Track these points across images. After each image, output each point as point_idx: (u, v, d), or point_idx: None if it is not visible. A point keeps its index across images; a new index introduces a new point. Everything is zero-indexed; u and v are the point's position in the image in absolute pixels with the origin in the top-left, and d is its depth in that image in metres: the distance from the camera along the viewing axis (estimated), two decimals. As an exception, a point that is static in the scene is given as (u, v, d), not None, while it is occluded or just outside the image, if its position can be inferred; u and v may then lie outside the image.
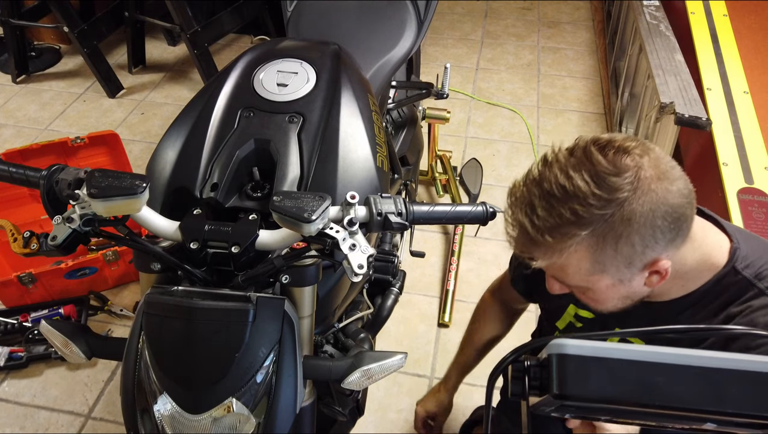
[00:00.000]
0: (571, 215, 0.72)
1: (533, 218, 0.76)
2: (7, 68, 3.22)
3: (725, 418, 0.53)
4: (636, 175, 0.72)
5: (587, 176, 0.72)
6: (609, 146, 0.74)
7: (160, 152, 1.01)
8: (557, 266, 0.78)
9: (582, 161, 0.74)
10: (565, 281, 0.81)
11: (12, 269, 2.03)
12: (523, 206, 0.77)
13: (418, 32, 1.56)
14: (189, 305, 0.82)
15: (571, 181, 0.73)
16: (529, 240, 0.77)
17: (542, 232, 0.75)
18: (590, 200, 0.72)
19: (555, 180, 0.74)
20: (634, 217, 0.72)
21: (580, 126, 2.86)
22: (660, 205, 0.72)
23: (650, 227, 0.73)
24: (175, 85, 3.19)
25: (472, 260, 2.22)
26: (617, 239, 0.73)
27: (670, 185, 0.73)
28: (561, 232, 0.74)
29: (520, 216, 0.77)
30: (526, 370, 0.59)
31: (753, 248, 0.87)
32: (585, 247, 0.74)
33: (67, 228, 0.79)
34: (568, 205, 0.73)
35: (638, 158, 0.73)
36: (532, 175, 0.79)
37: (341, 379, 0.88)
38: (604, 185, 0.71)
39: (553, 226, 0.74)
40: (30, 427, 1.75)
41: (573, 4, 3.85)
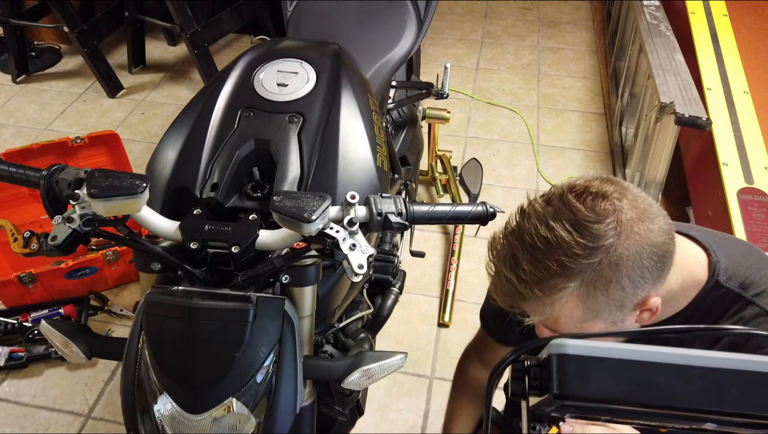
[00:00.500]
0: (558, 267, 0.71)
1: (519, 273, 0.74)
2: (7, 68, 3.22)
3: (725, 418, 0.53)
4: (617, 219, 0.71)
5: (568, 225, 0.71)
6: (586, 192, 0.73)
7: (160, 152, 1.01)
8: (549, 318, 0.77)
9: (560, 210, 0.73)
10: (558, 330, 0.79)
11: (12, 269, 2.02)
12: (507, 260, 0.76)
13: (418, 32, 1.56)
14: (189, 305, 0.82)
15: (553, 232, 0.71)
16: (518, 295, 0.75)
17: (531, 286, 0.73)
18: (576, 250, 0.70)
19: (536, 232, 0.73)
20: (622, 261, 0.71)
21: (580, 126, 2.86)
22: (645, 246, 0.72)
23: (638, 269, 0.72)
24: (175, 85, 3.20)
25: (472, 260, 2.22)
26: (607, 285, 0.72)
27: (651, 224, 0.73)
28: (550, 285, 0.72)
29: (506, 271, 0.75)
30: (526, 370, 0.59)
31: (731, 256, 0.86)
32: (576, 297, 0.73)
33: (67, 228, 0.79)
34: (553, 257, 0.71)
35: (617, 202, 0.72)
36: (511, 227, 0.77)
37: (341, 379, 0.88)
38: (588, 233, 0.71)
39: (542, 279, 0.72)
40: (30, 427, 1.75)
41: (573, 4, 3.85)
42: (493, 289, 0.80)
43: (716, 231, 0.95)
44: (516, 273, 0.74)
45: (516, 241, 0.75)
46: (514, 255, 0.75)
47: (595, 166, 2.63)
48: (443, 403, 1.78)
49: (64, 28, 2.85)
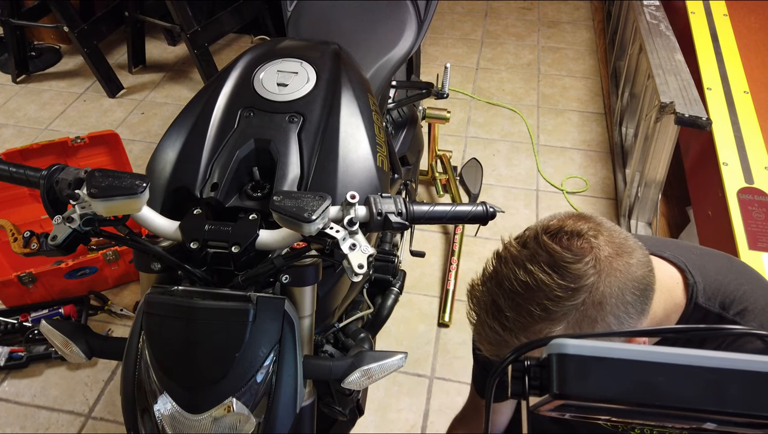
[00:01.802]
0: (542, 311, 0.69)
1: (503, 321, 0.72)
2: (7, 68, 3.22)
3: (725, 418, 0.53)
4: (595, 257, 0.70)
5: (547, 267, 0.70)
6: (561, 232, 0.72)
7: (160, 152, 1.02)
8: None
9: (537, 253, 0.71)
10: None
11: (12, 268, 2.03)
12: (489, 308, 0.73)
13: (418, 32, 1.56)
14: (189, 305, 0.82)
15: (532, 275, 0.70)
16: (504, 343, 0.73)
17: (516, 333, 0.71)
18: (557, 292, 0.69)
19: (515, 277, 0.71)
20: (605, 299, 0.69)
21: (580, 126, 2.86)
22: (626, 282, 0.71)
23: (622, 305, 0.70)
24: (175, 85, 3.20)
25: (472, 260, 2.22)
26: (593, 325, 0.70)
27: (629, 258, 0.72)
28: (535, 330, 0.70)
29: (489, 320, 0.73)
30: (526, 370, 0.59)
31: (708, 274, 0.85)
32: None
33: (68, 228, 0.79)
34: (535, 301, 0.69)
35: (593, 240, 0.71)
36: (489, 273, 0.75)
37: (341, 379, 0.89)
38: (567, 274, 0.69)
39: (526, 325, 0.70)
40: (30, 427, 1.75)
41: (573, 4, 3.85)
42: (478, 338, 0.77)
43: (692, 245, 0.93)
44: (499, 321, 0.72)
45: (496, 288, 0.73)
46: (495, 303, 0.73)
47: (595, 166, 2.63)
48: (443, 403, 1.78)
49: (64, 28, 2.85)
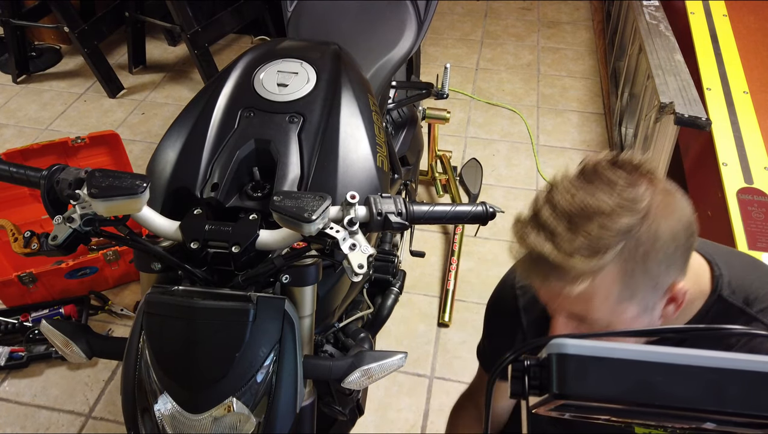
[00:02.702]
0: (600, 230, 0.68)
1: (557, 242, 0.69)
2: (8, 68, 3.23)
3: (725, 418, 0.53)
4: (653, 187, 0.70)
5: (606, 190, 0.70)
6: (619, 162, 0.72)
7: (161, 152, 1.02)
8: (584, 297, 0.72)
9: (596, 180, 0.71)
10: (589, 315, 0.74)
11: (13, 268, 2.03)
12: (541, 232, 0.71)
13: (418, 32, 1.56)
14: (189, 305, 0.82)
15: (591, 197, 0.69)
16: (554, 270, 0.70)
17: (570, 254, 0.69)
18: (615, 214, 0.68)
19: (572, 200, 0.70)
20: (659, 230, 0.69)
21: (579, 126, 2.86)
22: (680, 217, 0.71)
23: (672, 243, 0.70)
24: (176, 86, 3.20)
25: (472, 260, 2.22)
26: (646, 257, 0.69)
27: (681, 197, 0.72)
28: (591, 249, 0.68)
29: (539, 245, 0.71)
30: (526, 370, 0.59)
31: (735, 269, 0.85)
32: (616, 268, 0.69)
33: (68, 228, 0.79)
34: (594, 221, 0.68)
35: (650, 173, 0.72)
36: (541, 202, 0.74)
37: (341, 379, 0.89)
38: (626, 198, 0.69)
39: (582, 246, 0.69)
40: (30, 427, 1.75)
41: (573, 4, 3.85)
42: (523, 271, 0.76)
43: (719, 244, 0.94)
44: (553, 243, 0.70)
45: (550, 212, 0.72)
46: (548, 227, 0.71)
47: (595, 166, 2.63)
48: (443, 402, 1.78)
49: (65, 28, 2.85)
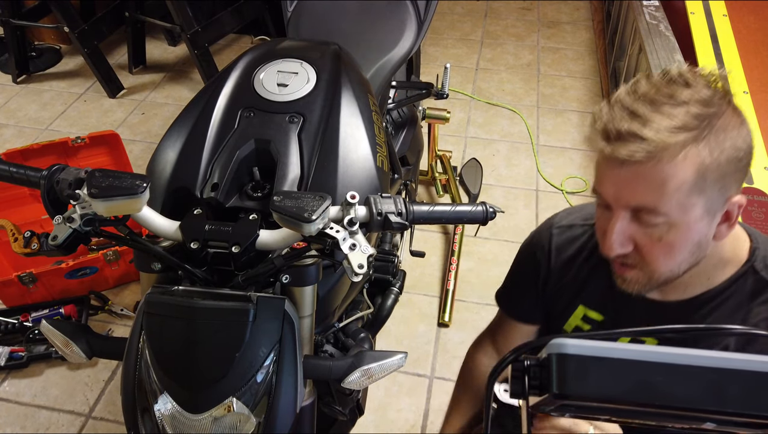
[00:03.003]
0: (684, 115, 0.73)
1: (642, 120, 0.74)
2: (8, 68, 3.23)
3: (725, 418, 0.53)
4: (727, 98, 0.76)
5: (687, 87, 0.75)
6: (700, 70, 0.78)
7: (161, 152, 1.02)
8: (660, 179, 0.75)
9: (678, 79, 0.76)
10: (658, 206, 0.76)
11: (13, 268, 2.03)
12: (625, 115, 0.75)
13: (418, 32, 1.56)
14: (189, 305, 0.82)
15: (674, 87, 0.75)
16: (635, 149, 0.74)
17: (655, 131, 0.73)
18: (694, 103, 0.74)
19: (656, 89, 0.76)
20: (730, 134, 0.74)
21: (579, 126, 2.86)
22: (745, 135, 0.76)
23: (739, 152, 0.75)
24: (176, 86, 3.20)
25: (472, 260, 2.22)
26: (720, 152, 0.74)
27: (746, 121, 0.78)
28: (674, 128, 0.73)
29: (624, 125, 0.75)
30: (526, 370, 0.59)
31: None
32: (693, 154, 0.73)
33: (68, 228, 0.79)
34: (676, 106, 0.74)
35: (724, 89, 0.77)
36: (624, 92, 0.78)
37: (341, 379, 0.89)
38: (704, 94, 0.74)
39: (666, 126, 0.73)
40: (30, 427, 1.75)
41: (573, 4, 3.85)
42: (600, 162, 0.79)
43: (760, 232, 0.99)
44: (638, 120, 0.74)
45: (633, 98, 0.76)
46: (633, 109, 0.75)
47: (595, 166, 2.63)
48: (443, 402, 1.78)
49: (65, 28, 2.85)
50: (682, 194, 0.75)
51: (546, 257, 1.05)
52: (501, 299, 1.18)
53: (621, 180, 0.78)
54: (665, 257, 0.81)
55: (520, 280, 1.12)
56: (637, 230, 0.80)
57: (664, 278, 0.84)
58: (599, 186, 0.82)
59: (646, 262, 0.82)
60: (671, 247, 0.80)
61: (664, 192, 0.75)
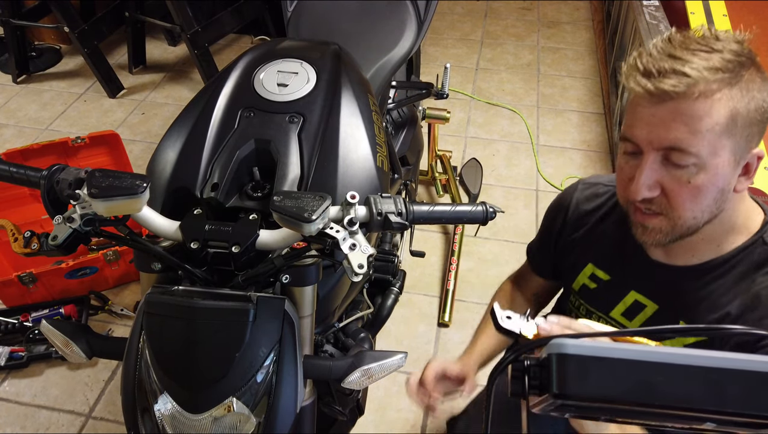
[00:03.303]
0: (719, 60, 0.77)
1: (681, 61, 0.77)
2: (8, 68, 3.23)
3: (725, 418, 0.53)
4: (754, 59, 0.80)
5: (718, 39, 0.79)
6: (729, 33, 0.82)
7: (161, 152, 1.02)
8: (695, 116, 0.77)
9: (708, 34, 0.80)
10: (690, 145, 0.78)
11: (13, 268, 2.03)
12: (665, 57, 0.79)
13: (418, 32, 1.56)
14: (189, 305, 0.82)
15: (707, 39, 0.79)
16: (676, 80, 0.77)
17: (695, 69, 0.76)
18: (728, 51, 0.78)
19: (691, 40, 0.79)
20: (756, 80, 0.78)
21: (579, 126, 2.86)
22: (766, 84, 0.80)
23: (764, 102, 0.79)
24: (176, 86, 3.20)
25: (472, 260, 2.22)
26: (749, 99, 0.78)
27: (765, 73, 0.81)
28: (713, 68, 0.76)
29: (665, 64, 0.78)
30: (526, 370, 0.59)
31: None
32: (728, 97, 0.77)
33: (68, 228, 0.79)
34: (713, 53, 0.77)
35: (750, 51, 0.80)
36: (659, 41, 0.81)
37: (341, 379, 0.89)
38: (734, 45, 0.79)
39: (705, 66, 0.77)
40: (30, 427, 1.75)
41: (573, 4, 3.85)
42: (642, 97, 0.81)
43: None
44: (680, 62, 0.77)
45: (671, 47, 0.79)
46: (671, 54, 0.78)
47: (595, 166, 2.63)
48: (443, 403, 1.78)
49: (65, 28, 2.85)
50: (714, 135, 0.78)
51: (565, 209, 1.10)
52: (528, 249, 1.25)
53: (657, 119, 0.80)
54: (691, 201, 0.82)
55: (543, 233, 1.18)
56: (665, 175, 0.82)
57: (687, 226, 0.85)
58: (631, 130, 0.83)
59: (671, 207, 0.84)
60: (698, 190, 0.81)
61: (698, 130, 0.78)
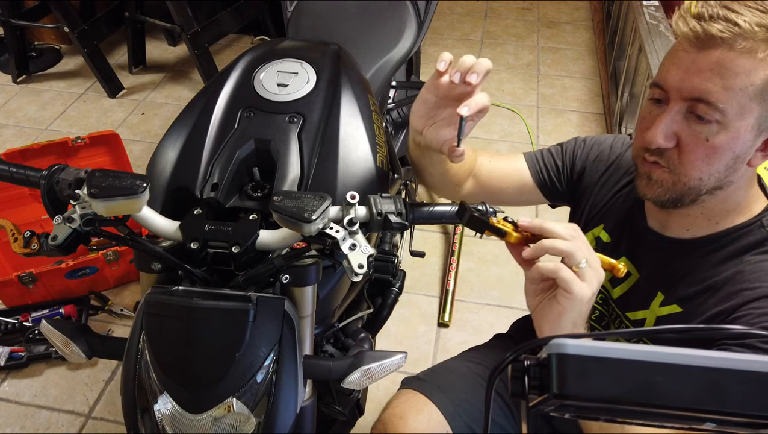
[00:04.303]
0: None
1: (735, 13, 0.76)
2: (8, 68, 3.23)
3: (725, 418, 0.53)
4: None
5: None
6: None
7: (161, 152, 1.02)
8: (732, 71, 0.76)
9: None
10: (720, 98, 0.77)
11: (12, 268, 2.03)
12: (718, 5, 0.77)
13: (418, 32, 1.56)
14: (189, 305, 0.82)
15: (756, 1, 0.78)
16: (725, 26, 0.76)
17: (747, 23, 0.75)
18: None
19: None
20: None
21: (579, 126, 2.86)
22: None
23: None
24: (176, 86, 3.20)
25: (472, 260, 2.22)
26: None
27: None
28: (763, 26, 0.75)
29: (719, 11, 0.77)
30: (526, 370, 0.59)
31: None
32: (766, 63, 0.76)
33: (68, 228, 0.79)
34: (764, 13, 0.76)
35: None
36: None
37: (341, 379, 0.88)
38: None
39: (757, 21, 0.75)
40: (30, 427, 1.75)
41: (573, 5, 3.85)
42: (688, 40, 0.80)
43: None
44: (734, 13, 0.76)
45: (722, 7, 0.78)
46: (726, 5, 0.77)
47: (595, 166, 2.63)
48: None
49: (65, 28, 2.85)
50: (746, 96, 0.77)
51: (608, 156, 1.08)
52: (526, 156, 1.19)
53: (694, 65, 0.78)
54: (704, 160, 0.81)
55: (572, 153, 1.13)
56: (685, 128, 0.81)
57: (689, 186, 0.84)
58: (664, 74, 0.83)
59: (681, 163, 0.83)
60: (714, 150, 0.80)
61: (731, 86, 0.77)
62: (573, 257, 0.74)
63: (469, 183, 1.15)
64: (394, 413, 1.12)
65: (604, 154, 1.10)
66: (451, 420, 1.10)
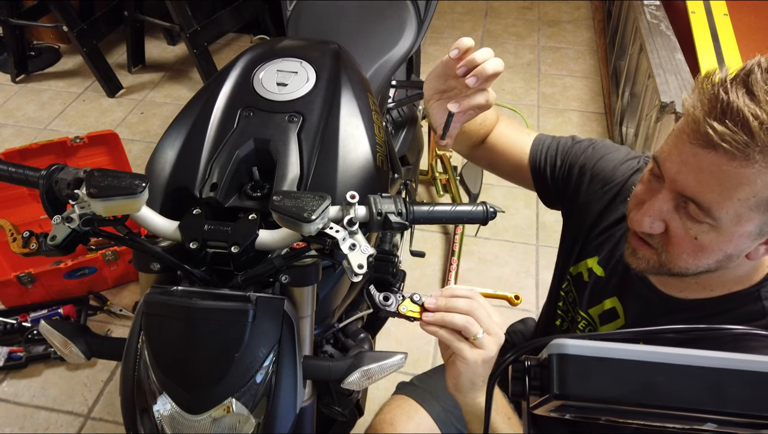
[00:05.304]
0: None
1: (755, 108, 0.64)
2: (7, 68, 3.22)
3: (725, 418, 0.53)
4: None
5: None
6: None
7: (160, 152, 1.01)
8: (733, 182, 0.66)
9: None
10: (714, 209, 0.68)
11: (11, 269, 2.03)
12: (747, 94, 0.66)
13: (418, 32, 1.56)
14: (188, 305, 0.82)
15: None
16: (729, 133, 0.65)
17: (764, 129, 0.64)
18: None
19: None
20: None
21: (580, 125, 2.86)
22: None
23: None
24: (175, 85, 3.19)
25: (472, 260, 2.22)
26: None
27: None
28: None
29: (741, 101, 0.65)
30: (527, 370, 0.59)
31: None
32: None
33: (67, 228, 0.79)
34: None
35: None
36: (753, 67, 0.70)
37: (341, 379, 0.88)
38: None
39: None
40: (29, 427, 1.75)
41: (573, 4, 3.85)
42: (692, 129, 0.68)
43: None
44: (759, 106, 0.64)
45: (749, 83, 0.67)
46: (750, 91, 0.66)
47: (595, 165, 2.63)
48: (443, 403, 1.78)
49: (64, 27, 2.85)
50: (745, 206, 0.68)
51: (611, 178, 0.99)
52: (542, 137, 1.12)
53: (692, 162, 0.69)
54: (689, 255, 0.75)
55: (584, 156, 1.04)
56: (675, 219, 0.74)
57: (675, 271, 0.78)
58: (662, 157, 0.74)
59: (667, 250, 0.77)
60: (701, 249, 0.73)
61: (729, 196, 0.67)
62: (468, 331, 0.79)
63: (480, 146, 1.13)
64: (384, 419, 1.12)
65: (607, 174, 1.01)
66: (442, 426, 1.09)
